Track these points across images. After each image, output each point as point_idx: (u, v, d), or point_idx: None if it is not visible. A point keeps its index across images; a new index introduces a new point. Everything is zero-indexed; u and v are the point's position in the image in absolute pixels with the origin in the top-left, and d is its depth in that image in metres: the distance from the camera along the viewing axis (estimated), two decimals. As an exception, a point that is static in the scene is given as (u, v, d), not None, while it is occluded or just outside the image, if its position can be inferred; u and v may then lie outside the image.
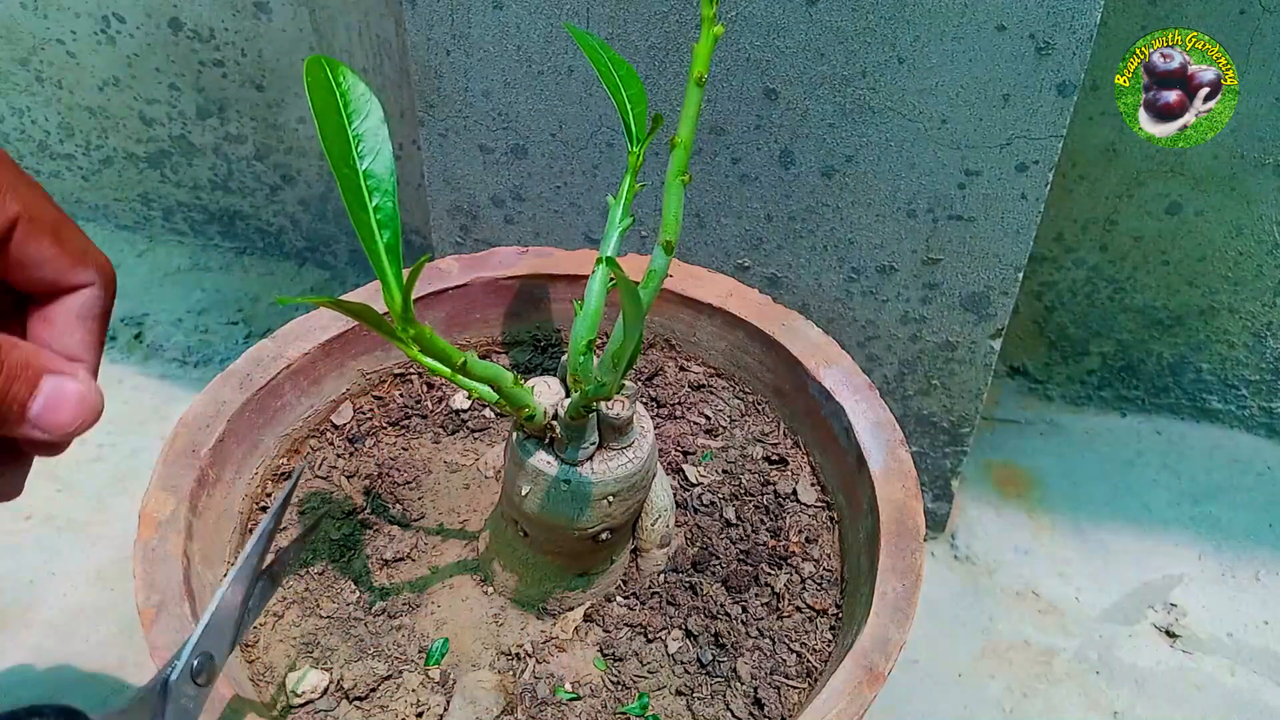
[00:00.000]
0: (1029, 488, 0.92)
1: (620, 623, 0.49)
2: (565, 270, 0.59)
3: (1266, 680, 0.79)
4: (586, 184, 0.71)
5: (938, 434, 0.79)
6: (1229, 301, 0.89)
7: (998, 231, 0.66)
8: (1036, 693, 0.78)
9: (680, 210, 0.41)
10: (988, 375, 0.74)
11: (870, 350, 0.75)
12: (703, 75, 0.39)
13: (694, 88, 0.39)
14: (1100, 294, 0.92)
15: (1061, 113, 0.60)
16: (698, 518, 0.53)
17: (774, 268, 0.72)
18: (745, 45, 0.62)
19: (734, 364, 0.59)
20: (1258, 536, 0.89)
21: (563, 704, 0.46)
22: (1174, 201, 0.85)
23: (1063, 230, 0.89)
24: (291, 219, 1.04)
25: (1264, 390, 0.94)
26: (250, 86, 0.95)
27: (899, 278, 0.70)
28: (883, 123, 0.63)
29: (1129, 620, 0.83)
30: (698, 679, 0.47)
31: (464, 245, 0.77)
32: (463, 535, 0.53)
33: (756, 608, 0.49)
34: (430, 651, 0.47)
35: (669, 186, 0.41)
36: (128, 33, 0.93)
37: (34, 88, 1.00)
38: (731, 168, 0.68)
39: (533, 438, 0.45)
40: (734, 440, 0.57)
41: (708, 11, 0.39)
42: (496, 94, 0.68)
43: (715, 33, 0.39)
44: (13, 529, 0.84)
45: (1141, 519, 0.90)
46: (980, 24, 0.58)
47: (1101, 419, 0.98)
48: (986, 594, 0.84)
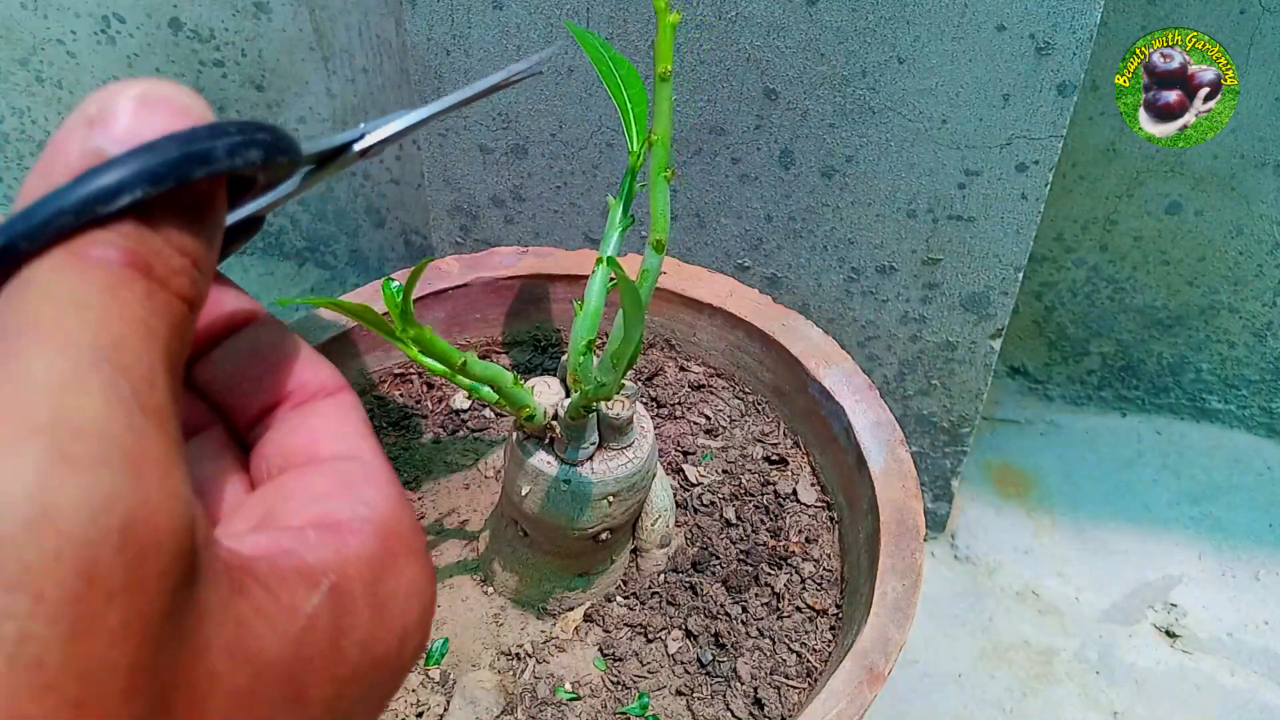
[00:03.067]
0: (1029, 488, 0.92)
1: (620, 623, 0.49)
2: (565, 270, 0.59)
3: (1266, 680, 0.79)
4: (586, 184, 0.71)
5: (938, 434, 0.79)
6: (1229, 301, 0.89)
7: (998, 231, 0.66)
8: (1036, 693, 0.78)
9: (667, 207, 0.41)
10: (988, 375, 0.74)
11: (870, 350, 0.75)
12: (667, 70, 0.38)
13: (660, 84, 0.38)
14: (1100, 294, 0.92)
15: (1061, 113, 0.60)
16: (698, 518, 0.53)
17: (774, 268, 0.72)
18: (745, 45, 0.62)
19: (734, 364, 0.59)
20: (1258, 536, 0.89)
21: (563, 704, 0.46)
22: (1174, 201, 0.85)
23: (1063, 230, 0.89)
24: (291, 219, 1.04)
25: (1264, 390, 0.94)
26: (250, 86, 0.95)
27: (899, 278, 0.70)
28: (883, 123, 0.63)
29: (1129, 620, 0.83)
30: (698, 679, 0.47)
31: (464, 245, 0.77)
32: (463, 535, 0.53)
33: (756, 608, 0.49)
34: (430, 651, 0.47)
35: (653, 184, 0.41)
36: (128, 33, 0.93)
37: (34, 88, 1.00)
38: (731, 168, 0.68)
39: (533, 438, 0.45)
40: (734, 440, 0.57)
41: (659, 3, 0.37)
42: (496, 94, 0.68)
43: (671, 21, 0.37)
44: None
45: (1141, 519, 0.90)
46: (980, 24, 0.58)
47: (1101, 419, 0.98)
48: (986, 594, 0.84)
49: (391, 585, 0.19)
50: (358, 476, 0.20)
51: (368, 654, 0.18)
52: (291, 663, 0.17)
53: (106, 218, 0.15)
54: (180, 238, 0.16)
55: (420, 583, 0.20)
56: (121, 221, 0.15)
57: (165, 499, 0.14)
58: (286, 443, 0.21)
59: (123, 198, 0.15)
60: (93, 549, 0.13)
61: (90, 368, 0.14)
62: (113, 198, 0.15)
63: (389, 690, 0.20)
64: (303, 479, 0.20)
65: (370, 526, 0.19)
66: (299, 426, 0.21)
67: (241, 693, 0.15)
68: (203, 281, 0.17)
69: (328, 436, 0.21)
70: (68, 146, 0.16)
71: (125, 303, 0.15)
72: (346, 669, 0.18)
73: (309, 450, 0.21)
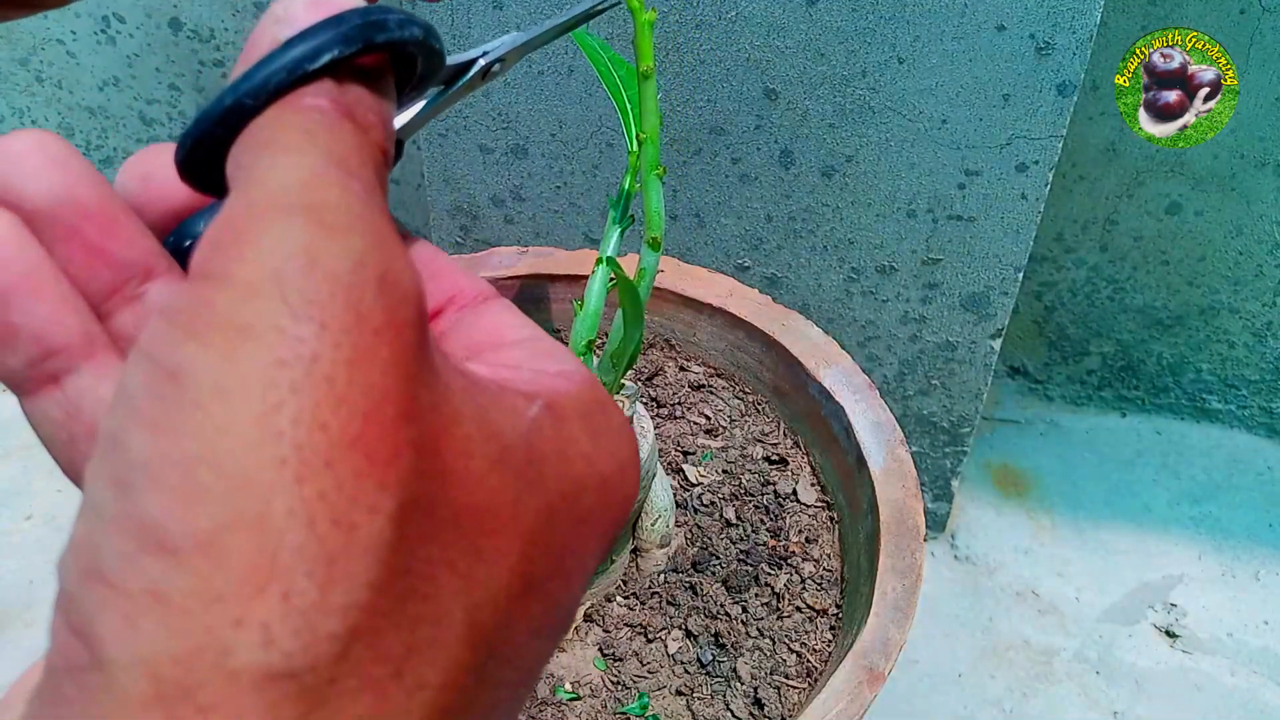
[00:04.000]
0: (1029, 488, 0.92)
1: (620, 623, 0.49)
2: (565, 270, 0.59)
3: (1266, 680, 0.79)
4: (586, 184, 0.71)
5: (938, 434, 0.79)
6: (1229, 301, 0.89)
7: (998, 231, 0.66)
8: (1036, 693, 0.78)
9: (661, 205, 0.41)
10: (988, 375, 0.74)
11: (870, 350, 0.75)
12: (649, 68, 0.38)
13: (643, 81, 0.38)
14: (1100, 294, 0.92)
15: (1061, 113, 0.60)
16: (698, 518, 0.53)
17: (774, 268, 0.72)
18: (745, 45, 0.62)
19: (734, 364, 0.59)
20: (1258, 536, 0.89)
21: (563, 704, 0.46)
22: (1174, 201, 0.85)
23: (1063, 230, 0.89)
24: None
25: (1264, 390, 0.94)
26: (250, 86, 0.95)
27: (899, 278, 0.70)
28: (883, 123, 0.63)
29: (1129, 620, 0.83)
30: (698, 679, 0.47)
31: (464, 245, 0.77)
32: (463, 535, 0.53)
33: (756, 608, 0.49)
34: (430, 651, 0.47)
35: (645, 183, 0.41)
36: (128, 33, 0.93)
37: (34, 88, 1.00)
38: (731, 168, 0.68)
39: (533, 438, 0.45)
40: (734, 440, 0.57)
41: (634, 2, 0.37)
42: (496, 94, 0.68)
43: (647, 19, 0.37)
44: (13, 529, 0.84)
45: (1141, 519, 0.90)
46: (980, 24, 0.58)
47: (1101, 419, 0.98)
48: (986, 594, 0.84)
49: (601, 421, 0.21)
50: (550, 348, 0.22)
51: (593, 469, 0.20)
52: (527, 450, 0.18)
53: (313, 73, 0.18)
54: (370, 97, 0.19)
55: (626, 427, 0.22)
56: (323, 80, 0.18)
57: (407, 265, 0.16)
58: (467, 336, 0.22)
59: (324, 56, 0.18)
60: (358, 291, 0.15)
61: (327, 167, 0.16)
62: (316, 57, 0.18)
63: (617, 516, 0.21)
64: (499, 356, 0.22)
65: (577, 375, 0.21)
66: (474, 324, 0.23)
67: (493, 461, 0.17)
68: (389, 143, 0.20)
69: (509, 325, 0.23)
70: (263, 39, 0.19)
71: (341, 135, 0.17)
72: (574, 475, 0.19)
73: (495, 337, 0.22)
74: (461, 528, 0.16)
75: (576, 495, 0.19)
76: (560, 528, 0.19)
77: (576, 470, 0.19)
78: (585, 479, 0.19)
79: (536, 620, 0.19)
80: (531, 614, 0.18)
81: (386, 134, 0.19)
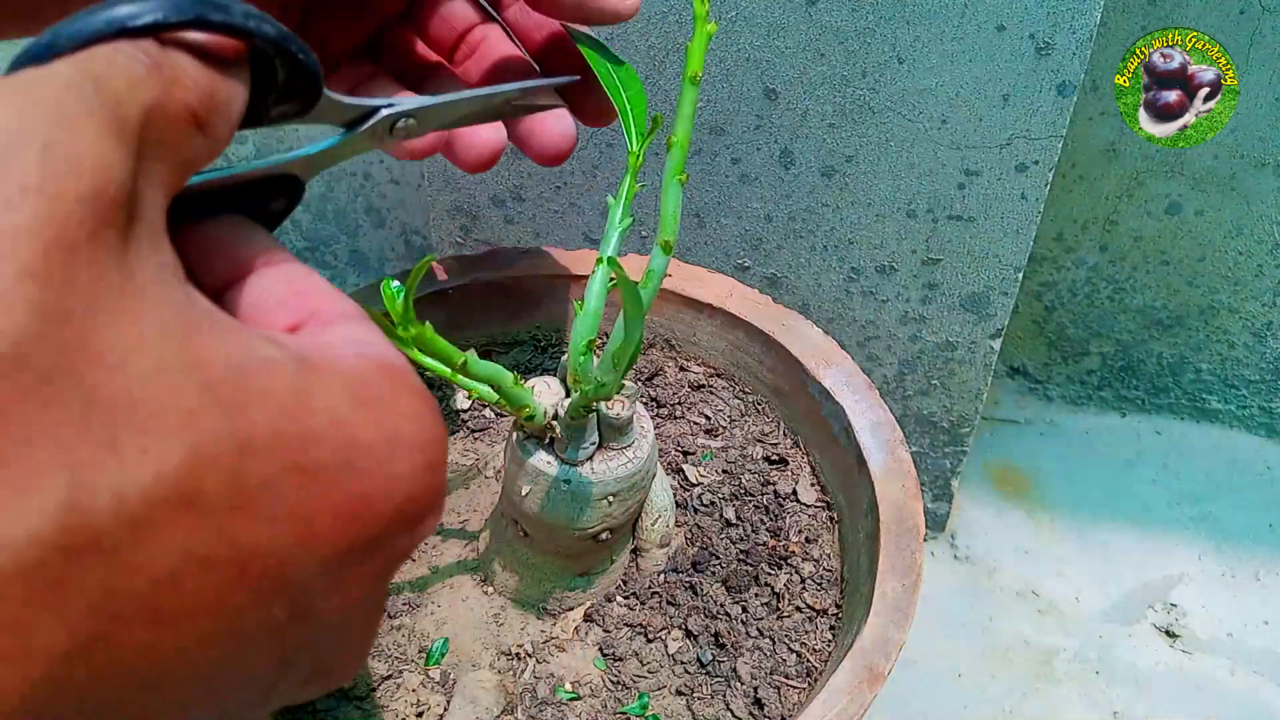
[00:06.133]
0: (1029, 488, 0.92)
1: (620, 623, 0.49)
2: (565, 270, 0.59)
3: (1266, 680, 0.79)
4: (586, 184, 0.71)
5: (938, 434, 0.79)
6: (1229, 301, 0.89)
7: (998, 231, 0.66)
8: (1036, 693, 0.78)
9: (678, 210, 0.41)
10: (988, 375, 0.74)
11: (870, 350, 0.75)
12: (697, 74, 0.39)
13: (689, 86, 0.39)
14: (1100, 294, 0.92)
15: (1061, 113, 0.60)
16: (698, 518, 0.53)
17: (774, 268, 0.72)
18: (745, 45, 0.62)
19: (734, 364, 0.59)
20: (1258, 536, 0.89)
21: (563, 704, 0.46)
22: (1174, 201, 0.85)
23: (1063, 230, 0.89)
24: (291, 219, 1.04)
25: (1264, 390, 0.94)
26: (250, 86, 0.95)
27: (899, 278, 0.70)
28: (883, 123, 0.63)
29: (1129, 620, 0.83)
30: (698, 679, 0.47)
31: (464, 245, 0.77)
32: (463, 535, 0.53)
33: (756, 608, 0.49)
34: (430, 651, 0.47)
35: (666, 186, 0.41)
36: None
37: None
38: (731, 168, 0.68)
39: (533, 438, 0.45)
40: (734, 440, 0.57)
41: (700, 9, 0.39)
42: (496, 94, 0.68)
43: (709, 31, 0.39)
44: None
45: (1141, 519, 0.90)
46: (980, 24, 0.58)
47: (1101, 419, 0.98)
48: (986, 594, 0.84)
49: (380, 395, 0.20)
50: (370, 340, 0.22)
51: (343, 431, 0.19)
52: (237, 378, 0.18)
53: (132, 30, 0.19)
54: (199, 71, 0.19)
55: (424, 415, 0.21)
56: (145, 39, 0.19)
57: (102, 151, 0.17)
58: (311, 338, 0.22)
59: (145, 17, 0.19)
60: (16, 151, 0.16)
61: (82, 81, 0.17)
62: (138, 16, 0.19)
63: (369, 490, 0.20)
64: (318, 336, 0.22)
65: (373, 354, 0.21)
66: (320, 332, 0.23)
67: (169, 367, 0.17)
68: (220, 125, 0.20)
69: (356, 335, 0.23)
70: None
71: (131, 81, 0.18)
72: (305, 426, 0.19)
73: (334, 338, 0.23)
74: (92, 407, 0.16)
75: (302, 443, 0.19)
76: (259, 461, 0.18)
77: (313, 423, 0.19)
78: (323, 433, 0.19)
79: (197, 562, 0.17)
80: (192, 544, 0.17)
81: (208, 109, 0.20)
